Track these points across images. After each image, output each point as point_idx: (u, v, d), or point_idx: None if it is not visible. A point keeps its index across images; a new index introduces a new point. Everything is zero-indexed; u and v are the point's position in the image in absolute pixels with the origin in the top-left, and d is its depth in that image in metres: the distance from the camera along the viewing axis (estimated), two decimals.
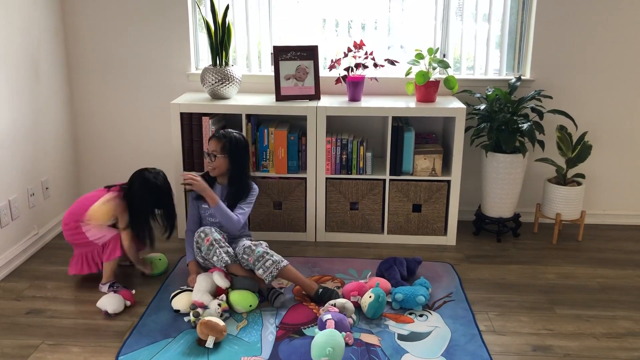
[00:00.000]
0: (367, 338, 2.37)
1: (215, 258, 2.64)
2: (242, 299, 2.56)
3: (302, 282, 2.66)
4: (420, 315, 2.55)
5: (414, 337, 2.39)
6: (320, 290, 2.63)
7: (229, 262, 2.64)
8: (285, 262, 2.62)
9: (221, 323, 2.34)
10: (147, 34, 3.46)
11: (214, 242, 2.65)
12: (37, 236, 3.19)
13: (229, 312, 2.54)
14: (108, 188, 2.80)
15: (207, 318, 2.33)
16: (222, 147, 2.81)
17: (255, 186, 2.94)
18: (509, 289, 2.82)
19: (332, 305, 2.48)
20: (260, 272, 2.60)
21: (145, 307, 2.60)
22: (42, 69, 3.25)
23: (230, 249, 2.69)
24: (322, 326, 2.33)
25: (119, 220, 2.73)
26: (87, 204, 2.73)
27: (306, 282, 2.67)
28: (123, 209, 2.72)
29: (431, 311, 2.59)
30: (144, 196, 2.75)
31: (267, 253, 2.63)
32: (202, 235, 2.69)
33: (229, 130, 2.89)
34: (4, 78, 2.89)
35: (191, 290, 2.59)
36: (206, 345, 2.27)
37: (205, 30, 3.27)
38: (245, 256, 2.64)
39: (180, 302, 2.55)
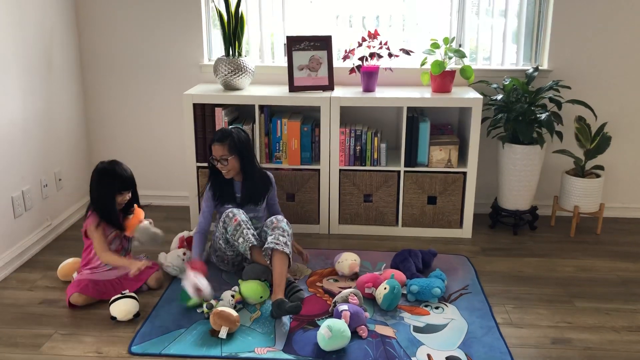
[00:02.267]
0: (382, 330, 2.34)
1: (241, 239, 2.61)
2: (252, 290, 2.53)
3: (278, 281, 2.48)
4: (436, 308, 2.51)
5: (429, 329, 2.35)
6: (280, 302, 2.38)
7: (255, 243, 2.61)
8: (288, 251, 2.54)
9: (234, 313, 2.31)
10: (160, 24, 3.44)
11: (242, 223, 2.63)
12: (50, 227, 3.19)
13: (243, 304, 2.52)
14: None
15: (220, 308, 2.31)
16: (230, 148, 2.74)
17: (269, 173, 2.94)
18: (527, 281, 2.77)
19: (353, 294, 2.45)
20: (270, 237, 2.57)
21: (158, 297, 2.58)
22: (54, 61, 3.24)
23: (255, 233, 2.67)
24: (338, 316, 2.30)
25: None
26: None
27: (280, 285, 2.48)
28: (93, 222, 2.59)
29: (447, 303, 2.55)
30: (97, 182, 2.60)
31: (289, 235, 2.62)
32: (230, 214, 2.66)
33: (225, 128, 2.82)
34: (17, 70, 2.89)
35: (131, 297, 2.45)
36: (219, 335, 2.25)
37: (218, 21, 3.24)
38: (273, 219, 2.66)
39: (117, 309, 2.41)
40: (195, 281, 2.44)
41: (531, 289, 2.70)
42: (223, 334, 2.25)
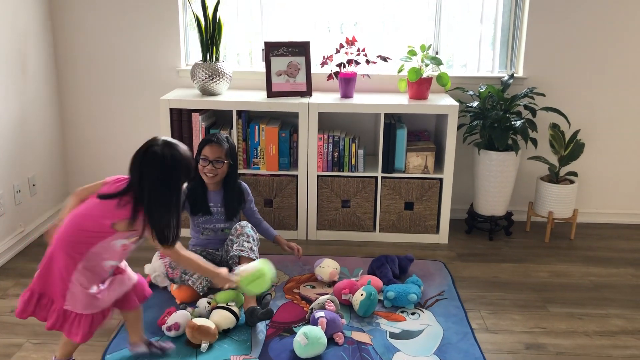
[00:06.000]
0: (358, 336, 2.34)
1: (195, 276, 2.56)
2: (228, 298, 2.50)
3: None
4: (412, 314, 2.53)
5: (405, 335, 2.37)
6: (252, 309, 2.38)
7: (207, 285, 2.57)
8: (254, 256, 2.54)
9: (212, 326, 2.28)
10: (137, 28, 3.41)
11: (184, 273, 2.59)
12: (23, 234, 3.13)
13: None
14: (102, 197, 1.95)
15: (198, 323, 2.26)
16: (227, 153, 2.69)
17: (244, 185, 2.89)
18: (502, 287, 2.80)
19: (329, 301, 2.45)
20: (235, 245, 2.57)
21: None
22: (29, 64, 3.19)
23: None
24: (315, 323, 2.30)
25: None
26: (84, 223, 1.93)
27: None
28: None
29: (423, 309, 2.56)
30: (163, 182, 1.91)
31: (254, 240, 2.61)
32: (174, 264, 2.61)
33: (220, 133, 2.79)
34: None
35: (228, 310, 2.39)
36: (201, 349, 2.23)
37: (195, 26, 3.23)
38: (237, 226, 2.64)
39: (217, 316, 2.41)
40: None
41: (506, 294, 2.73)
42: (204, 348, 2.23)
